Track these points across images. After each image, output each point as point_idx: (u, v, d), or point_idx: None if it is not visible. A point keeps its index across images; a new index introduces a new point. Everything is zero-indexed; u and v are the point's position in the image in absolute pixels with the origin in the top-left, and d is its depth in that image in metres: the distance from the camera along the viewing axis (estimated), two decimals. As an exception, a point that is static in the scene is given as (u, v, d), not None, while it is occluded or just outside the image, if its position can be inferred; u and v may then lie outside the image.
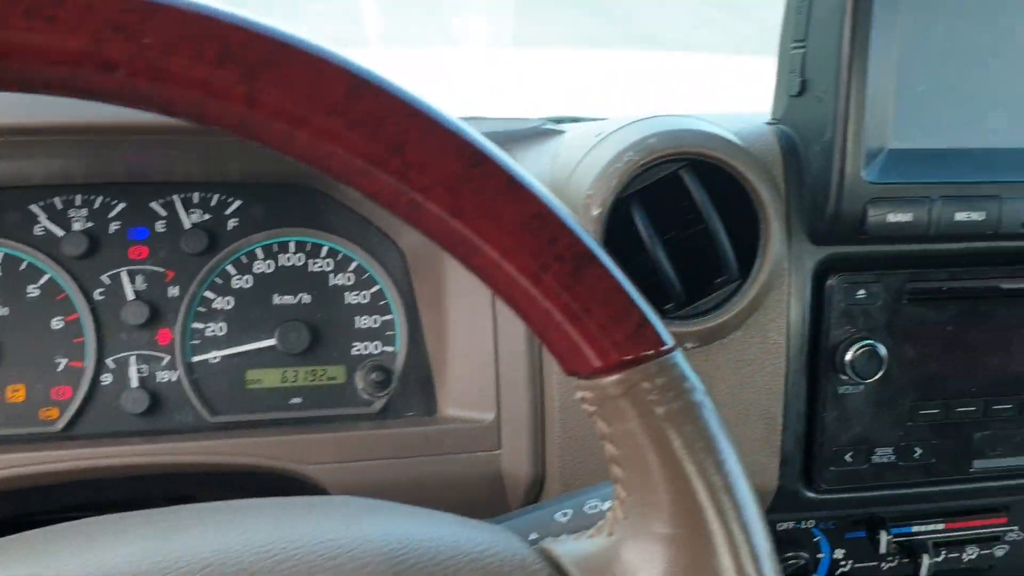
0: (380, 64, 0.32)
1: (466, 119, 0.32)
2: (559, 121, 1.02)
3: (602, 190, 0.73)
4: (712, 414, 0.35)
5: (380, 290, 0.85)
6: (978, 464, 0.84)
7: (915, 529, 0.96)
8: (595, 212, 0.73)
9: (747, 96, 1.03)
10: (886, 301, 0.79)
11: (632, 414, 0.34)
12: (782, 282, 0.77)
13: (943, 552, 0.98)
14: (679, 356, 0.35)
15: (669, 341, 0.35)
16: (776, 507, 0.83)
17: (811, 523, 0.94)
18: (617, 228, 0.75)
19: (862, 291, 0.78)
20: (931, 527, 0.96)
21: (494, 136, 0.89)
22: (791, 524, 0.92)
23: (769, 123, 0.81)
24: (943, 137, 0.75)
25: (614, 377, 0.34)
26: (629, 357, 0.34)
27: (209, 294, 0.82)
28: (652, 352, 0.34)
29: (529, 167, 0.84)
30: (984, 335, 0.82)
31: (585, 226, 0.75)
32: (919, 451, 0.82)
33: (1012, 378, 0.83)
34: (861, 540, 0.94)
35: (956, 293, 0.80)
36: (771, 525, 0.83)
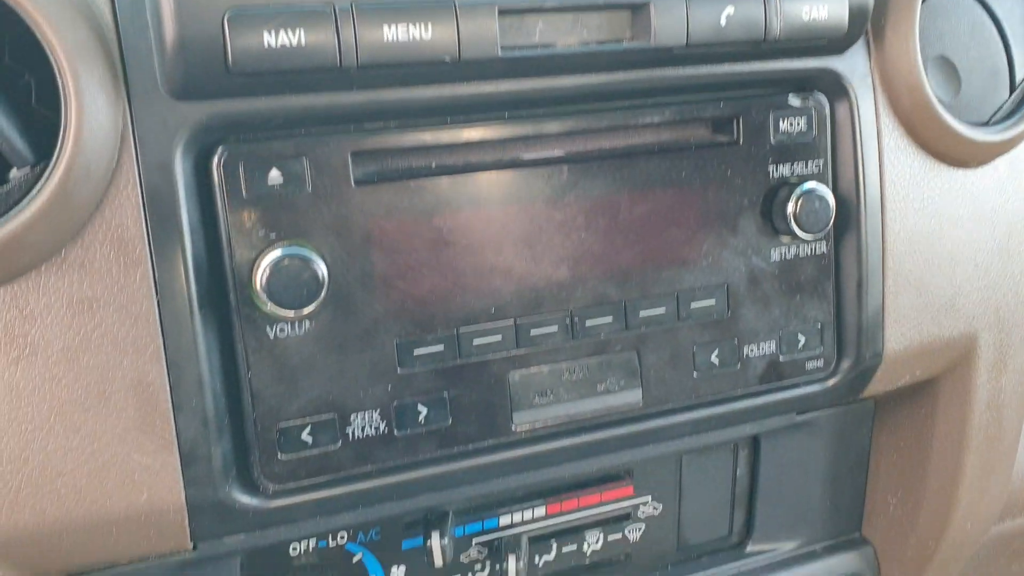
0: None
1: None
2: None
3: None
4: None
5: None
6: (520, 417, 0.57)
7: (501, 521, 0.69)
8: None
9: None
10: (321, 185, 0.51)
11: None
12: (125, 165, 0.47)
13: (552, 546, 0.72)
14: None
15: None
16: (201, 531, 0.53)
17: (343, 537, 0.65)
18: None
19: (275, 171, 0.50)
20: (524, 514, 0.69)
21: None
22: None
23: None
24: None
25: None
26: None
27: None
28: None
29: None
30: (495, 225, 0.55)
31: None
32: (425, 410, 0.55)
33: (543, 281, 0.57)
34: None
35: (437, 166, 0.53)
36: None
